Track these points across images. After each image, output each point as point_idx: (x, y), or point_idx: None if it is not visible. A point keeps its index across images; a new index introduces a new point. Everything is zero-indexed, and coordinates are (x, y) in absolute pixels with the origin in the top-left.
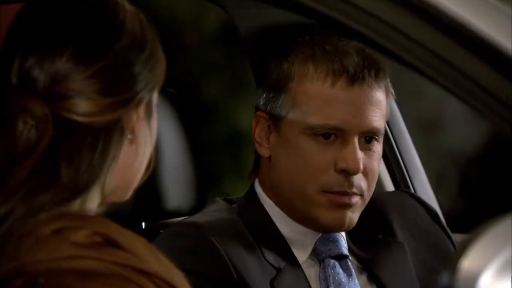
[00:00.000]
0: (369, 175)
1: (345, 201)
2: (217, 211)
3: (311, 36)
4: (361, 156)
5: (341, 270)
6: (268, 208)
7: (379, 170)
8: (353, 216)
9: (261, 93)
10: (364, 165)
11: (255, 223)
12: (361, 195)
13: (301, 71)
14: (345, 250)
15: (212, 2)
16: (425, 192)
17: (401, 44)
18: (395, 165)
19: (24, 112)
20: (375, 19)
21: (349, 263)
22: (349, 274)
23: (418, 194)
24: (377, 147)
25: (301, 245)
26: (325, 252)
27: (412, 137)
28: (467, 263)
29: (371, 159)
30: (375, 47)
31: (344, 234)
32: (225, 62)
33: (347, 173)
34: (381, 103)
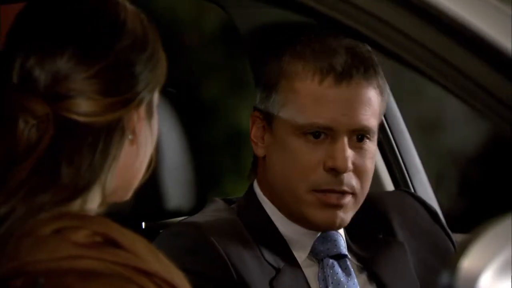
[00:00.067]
0: (360, 173)
1: (334, 201)
2: (216, 211)
3: (307, 35)
4: (350, 154)
5: (340, 269)
6: (267, 208)
7: (378, 169)
8: (344, 215)
9: (258, 93)
10: (355, 164)
11: (255, 223)
12: (353, 193)
13: (291, 70)
14: (344, 249)
15: (212, 2)
16: (425, 192)
17: (401, 44)
18: (395, 165)
19: (25, 111)
20: (375, 19)
21: (348, 263)
22: (348, 273)
23: (418, 194)
24: (370, 146)
25: (300, 244)
26: (324, 251)
27: (412, 137)
28: (467, 263)
29: (363, 157)
30: (375, 47)
31: (343, 233)
32: (225, 62)
33: (336, 171)
34: (371, 101)
